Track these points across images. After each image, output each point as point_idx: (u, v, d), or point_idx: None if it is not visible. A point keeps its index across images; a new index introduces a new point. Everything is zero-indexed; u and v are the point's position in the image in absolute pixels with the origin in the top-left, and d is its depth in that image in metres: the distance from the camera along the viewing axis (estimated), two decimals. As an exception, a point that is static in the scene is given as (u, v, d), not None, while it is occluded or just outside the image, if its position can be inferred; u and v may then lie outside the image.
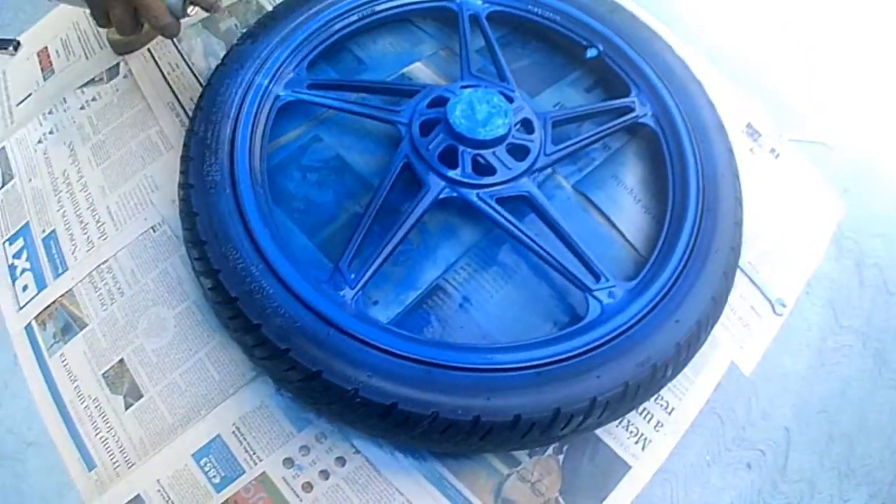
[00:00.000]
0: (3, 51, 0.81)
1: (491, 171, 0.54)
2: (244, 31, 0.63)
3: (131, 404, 0.55)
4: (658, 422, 0.55)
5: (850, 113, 0.84)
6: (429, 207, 0.52)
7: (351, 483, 0.50)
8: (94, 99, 0.73)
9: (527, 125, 0.57)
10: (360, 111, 0.58)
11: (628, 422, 0.53)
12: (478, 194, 0.53)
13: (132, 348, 0.57)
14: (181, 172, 0.55)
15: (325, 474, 0.49)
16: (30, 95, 0.77)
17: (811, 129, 0.81)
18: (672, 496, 0.55)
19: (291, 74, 0.60)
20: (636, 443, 0.53)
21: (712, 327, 0.54)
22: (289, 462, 0.50)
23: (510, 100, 0.57)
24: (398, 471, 0.50)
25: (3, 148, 0.72)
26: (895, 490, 0.65)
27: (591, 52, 0.65)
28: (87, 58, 0.78)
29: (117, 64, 0.74)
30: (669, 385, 0.54)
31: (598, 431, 0.52)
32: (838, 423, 0.65)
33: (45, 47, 0.82)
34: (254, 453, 0.51)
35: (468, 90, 0.55)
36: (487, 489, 0.50)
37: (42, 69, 0.79)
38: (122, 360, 0.56)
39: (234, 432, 0.52)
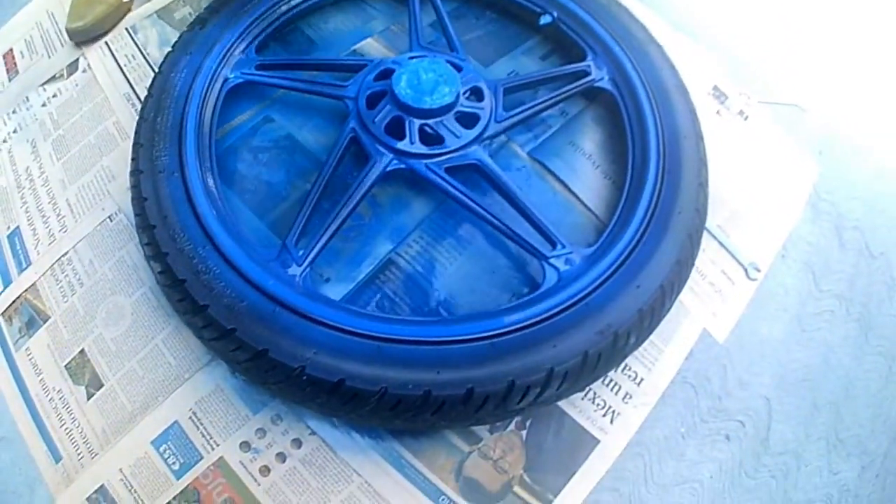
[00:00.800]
0: None
1: (439, 140, 0.52)
2: (200, 17, 0.62)
3: (93, 394, 0.54)
4: (627, 393, 0.52)
5: (823, 76, 0.81)
6: (377, 180, 0.50)
7: (308, 465, 0.48)
8: (54, 95, 0.72)
9: (476, 93, 0.55)
10: (308, 89, 0.57)
11: (594, 394, 0.51)
12: (426, 164, 0.51)
13: (92, 338, 0.56)
14: (132, 159, 0.54)
15: (281, 457, 0.48)
16: (-10, 95, 0.78)
17: (783, 92, 0.77)
18: (646, 471, 0.53)
19: (241, 56, 0.59)
20: (604, 416, 0.51)
21: (678, 293, 0.51)
22: (245, 446, 0.49)
23: (458, 68, 0.55)
24: (355, 451, 0.48)
25: (-30, 149, 0.72)
26: (889, 461, 0.63)
27: (544, 19, 0.63)
28: (49, 56, 0.77)
29: (77, 59, 0.74)
30: (637, 355, 0.52)
31: (562, 404, 0.50)
32: (823, 391, 0.62)
33: (11, 49, 0.81)
34: (210, 438, 0.49)
35: (414, 60, 0.54)
36: (448, 468, 0.48)
37: (7, 70, 0.79)
38: (82, 351, 0.56)
39: (190, 417, 0.50)
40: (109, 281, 0.57)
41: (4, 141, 0.72)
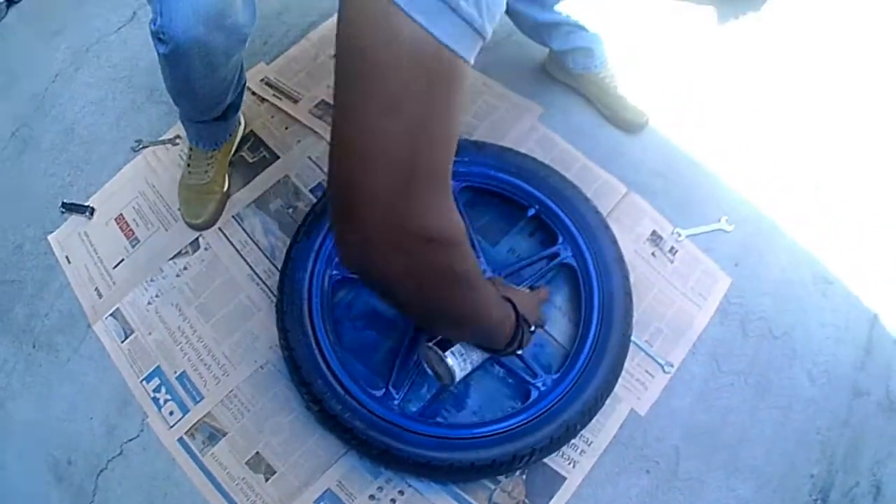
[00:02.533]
0: (80, 214, 1.62)
1: (468, 319, 1.36)
2: (303, 230, 1.43)
3: (269, 478, 1.39)
4: (581, 450, 1.39)
5: (748, 197, 1.64)
6: (433, 346, 1.35)
7: (408, 504, 1.35)
8: (185, 268, 1.54)
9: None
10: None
11: (562, 452, 1.37)
12: (461, 334, 1.35)
13: (263, 444, 1.41)
14: (281, 339, 1.37)
15: (394, 501, 1.34)
16: (122, 261, 1.59)
17: (710, 219, 1.61)
18: (594, 495, 1.40)
19: (337, 259, 1.41)
20: (568, 464, 1.38)
21: (611, 392, 1.37)
22: (371, 497, 1.35)
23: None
24: (433, 493, 1.35)
25: (118, 309, 1.54)
26: (788, 480, 1.48)
27: (530, 212, 1.46)
28: (165, 229, 1.59)
29: (197, 238, 1.55)
30: (588, 428, 1.38)
31: (545, 460, 1.36)
32: (722, 437, 1.49)
33: (121, 214, 1.62)
34: (351, 495, 1.35)
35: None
36: (484, 498, 1.34)
37: (126, 236, 1.60)
38: (257, 452, 1.40)
39: (337, 484, 1.36)
40: (269, 408, 1.42)
41: (149, 303, 1.54)
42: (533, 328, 1.17)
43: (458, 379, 1.21)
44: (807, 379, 1.50)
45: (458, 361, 1.19)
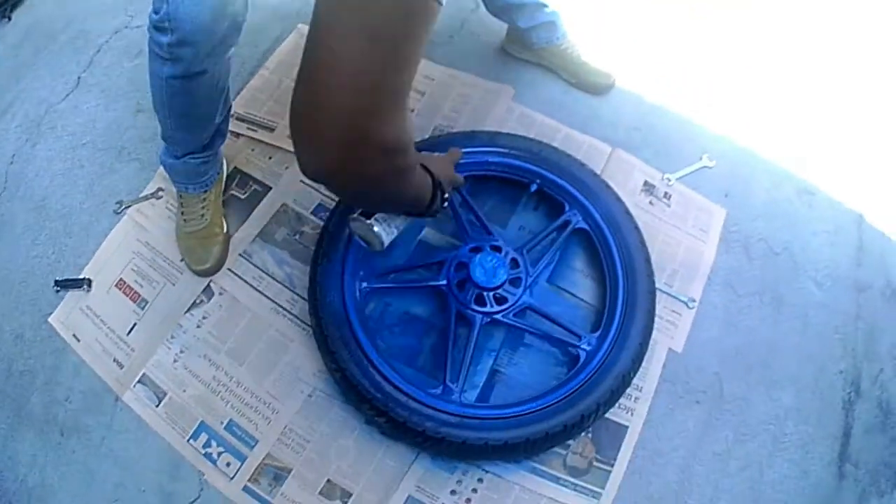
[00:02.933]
0: (77, 288, 1.54)
1: (504, 300, 1.40)
2: (321, 252, 1.42)
3: (346, 502, 1.37)
4: (635, 398, 1.44)
5: (722, 132, 1.74)
6: (479, 332, 1.37)
7: (490, 489, 1.37)
8: (204, 318, 1.50)
9: (514, 262, 1.42)
10: (417, 285, 1.43)
11: (619, 404, 1.42)
12: (502, 315, 1.38)
13: (333, 469, 1.39)
14: (328, 362, 1.36)
15: (475, 490, 1.36)
16: (135, 325, 1.53)
17: (692, 159, 1.70)
18: (656, 435, 1.46)
19: (362, 272, 1.41)
20: (627, 413, 1.43)
21: (649, 339, 1.42)
22: (452, 492, 1.36)
23: (498, 248, 1.42)
24: (511, 473, 1.37)
25: (145, 374, 1.48)
26: (820, 380, 1.57)
27: (533, 187, 1.50)
28: (172, 284, 1.54)
29: (208, 285, 1.51)
30: (637, 375, 1.43)
31: (606, 415, 1.41)
32: (753, 355, 1.57)
33: (121, 279, 1.57)
34: (433, 496, 1.36)
35: (477, 255, 1.39)
36: (559, 465, 1.38)
37: (132, 300, 1.54)
38: (328, 480, 1.38)
39: (417, 489, 1.36)
40: (329, 434, 1.40)
41: (175, 360, 1.49)
42: (447, 194, 1.22)
43: (386, 244, 1.28)
44: (814, 286, 1.62)
45: (384, 227, 1.26)
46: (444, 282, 1.42)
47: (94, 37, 1.92)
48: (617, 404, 1.40)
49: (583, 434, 1.39)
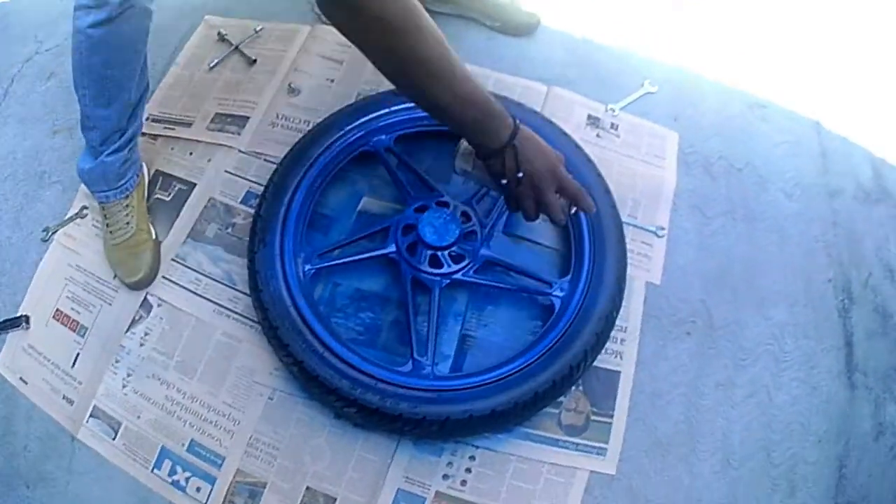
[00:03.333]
0: (16, 328, 1.40)
1: (461, 257, 1.28)
2: (256, 238, 1.29)
3: None
4: (621, 339, 1.33)
5: (660, 57, 1.66)
6: (440, 297, 1.25)
7: (484, 465, 1.24)
8: (146, 334, 1.36)
9: (465, 215, 1.31)
10: (361, 258, 1.30)
11: (606, 349, 1.31)
12: (462, 274, 1.27)
13: (310, 475, 1.25)
14: (283, 356, 1.23)
15: (469, 470, 1.23)
16: (78, 356, 1.38)
17: (633, 87, 1.61)
18: (651, 375, 1.34)
19: (303, 254, 1.28)
20: (616, 357, 1.32)
21: (625, 276, 1.32)
22: (445, 476, 1.23)
23: (445, 203, 1.30)
24: (504, 444, 1.24)
25: (96, 406, 1.33)
26: (811, 292, 1.47)
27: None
28: (108, 304, 1.40)
29: (144, 298, 1.37)
30: (620, 315, 1.32)
31: (595, 364, 1.29)
32: (736, 276, 1.47)
33: (58, 309, 1.42)
34: (424, 484, 1.23)
35: (424, 214, 1.28)
36: (553, 426, 1.26)
37: (71, 329, 1.39)
38: (308, 488, 1.25)
39: (405, 480, 1.23)
40: (299, 436, 1.26)
41: (124, 386, 1.34)
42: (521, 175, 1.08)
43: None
44: (784, 197, 1.54)
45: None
46: (393, 248, 1.30)
47: (5, 68, 1.79)
48: (604, 349, 1.29)
49: (573, 388, 1.27)
